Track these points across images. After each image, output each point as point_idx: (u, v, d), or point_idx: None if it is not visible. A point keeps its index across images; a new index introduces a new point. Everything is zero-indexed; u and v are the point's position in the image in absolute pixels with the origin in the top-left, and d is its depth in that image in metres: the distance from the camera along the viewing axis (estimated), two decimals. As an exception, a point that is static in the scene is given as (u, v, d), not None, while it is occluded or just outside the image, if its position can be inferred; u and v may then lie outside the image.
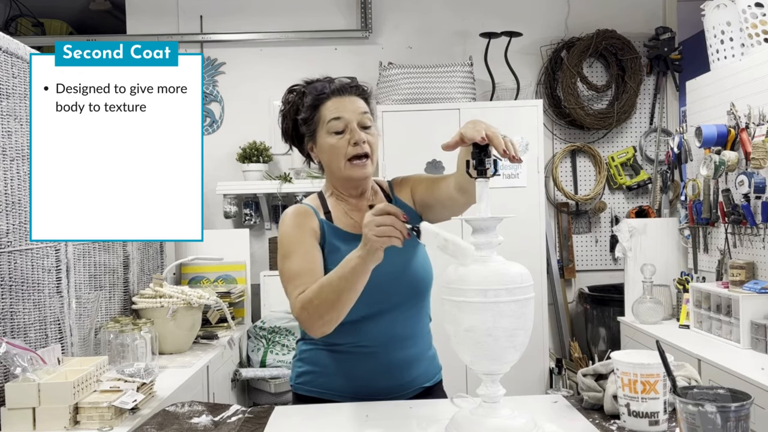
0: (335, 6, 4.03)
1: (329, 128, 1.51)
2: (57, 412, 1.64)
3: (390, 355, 1.52)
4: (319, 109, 1.53)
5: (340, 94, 1.53)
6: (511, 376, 1.27)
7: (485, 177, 1.25)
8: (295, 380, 1.61)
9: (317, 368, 1.56)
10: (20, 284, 1.84)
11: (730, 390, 1.06)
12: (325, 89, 1.53)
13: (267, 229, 3.95)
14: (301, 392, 1.58)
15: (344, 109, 1.51)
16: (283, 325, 3.31)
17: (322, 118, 1.52)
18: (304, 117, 1.54)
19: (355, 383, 1.53)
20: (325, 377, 1.55)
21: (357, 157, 1.50)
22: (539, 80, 4.05)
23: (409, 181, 1.63)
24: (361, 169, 1.51)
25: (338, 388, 1.54)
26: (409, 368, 1.55)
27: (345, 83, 1.55)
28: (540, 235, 3.47)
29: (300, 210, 1.54)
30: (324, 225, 1.53)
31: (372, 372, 1.52)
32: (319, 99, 1.53)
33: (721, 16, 2.79)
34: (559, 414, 1.38)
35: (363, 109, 1.53)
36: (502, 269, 1.21)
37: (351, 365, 1.53)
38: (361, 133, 1.49)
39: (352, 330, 1.49)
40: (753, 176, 2.48)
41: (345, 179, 1.55)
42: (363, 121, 1.51)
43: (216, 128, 4.00)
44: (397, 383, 1.54)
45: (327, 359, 1.54)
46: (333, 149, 1.51)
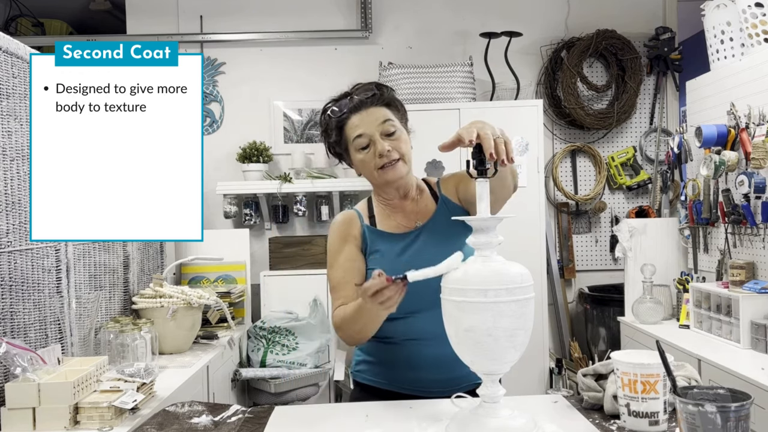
0: (335, 6, 4.03)
1: (356, 146, 1.58)
2: (57, 412, 1.64)
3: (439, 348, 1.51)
4: (343, 130, 1.60)
5: (359, 109, 1.57)
6: (511, 376, 1.27)
7: (485, 177, 1.25)
8: (354, 368, 1.69)
9: (373, 358, 1.63)
10: (20, 284, 1.84)
11: (730, 390, 1.06)
12: (344, 108, 1.58)
13: (267, 229, 3.95)
14: (360, 380, 1.66)
15: (364, 124, 1.56)
16: (283, 325, 3.31)
17: (348, 138, 1.59)
18: (334, 140, 1.63)
19: (408, 374, 1.57)
20: (380, 367, 1.61)
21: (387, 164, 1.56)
22: (539, 80, 4.05)
23: (454, 177, 1.69)
24: (392, 172, 1.57)
25: (393, 378, 1.59)
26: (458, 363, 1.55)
27: (362, 98, 1.58)
28: (540, 235, 3.47)
29: (346, 218, 1.65)
30: (366, 230, 1.61)
31: (422, 365, 1.56)
32: (342, 120, 1.59)
33: (721, 16, 2.79)
34: (559, 414, 1.38)
35: (383, 118, 1.57)
36: (502, 269, 1.21)
37: (403, 357, 1.57)
38: (384, 144, 1.55)
39: (403, 323, 1.55)
40: (753, 176, 2.48)
41: (383, 185, 1.61)
42: (385, 130, 1.56)
43: (216, 128, 4.00)
44: (448, 376, 1.55)
45: (381, 350, 1.60)
46: (363, 164, 1.59)
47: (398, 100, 1.64)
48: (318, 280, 3.52)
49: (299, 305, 3.47)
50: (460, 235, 1.56)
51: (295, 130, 3.99)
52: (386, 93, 1.61)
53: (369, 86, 1.61)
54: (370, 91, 1.59)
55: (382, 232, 1.61)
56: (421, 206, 1.65)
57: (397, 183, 1.60)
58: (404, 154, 1.58)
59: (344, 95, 1.62)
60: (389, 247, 1.59)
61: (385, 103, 1.60)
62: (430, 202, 1.66)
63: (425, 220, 1.63)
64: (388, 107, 1.60)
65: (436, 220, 1.62)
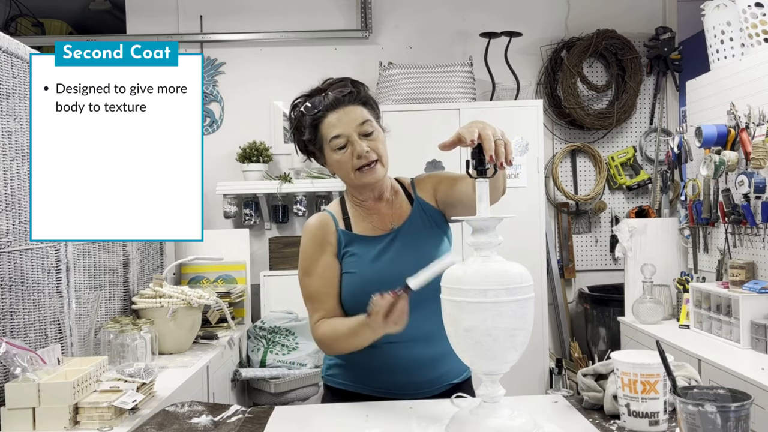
0: (335, 6, 4.03)
1: (332, 146, 1.52)
2: (57, 412, 1.64)
3: (416, 350, 1.53)
4: (319, 128, 1.54)
5: (335, 107, 1.52)
6: (511, 376, 1.27)
7: (485, 177, 1.25)
8: (325, 372, 1.65)
9: (347, 362, 1.59)
10: (20, 284, 1.84)
11: (730, 390, 1.06)
12: (319, 106, 1.52)
13: (267, 229, 3.96)
14: (332, 384, 1.62)
15: (342, 123, 1.51)
16: (282, 325, 3.31)
17: (324, 137, 1.54)
18: (308, 138, 1.57)
19: (385, 378, 1.55)
20: (354, 371, 1.58)
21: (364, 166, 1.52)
22: (539, 80, 4.05)
23: (431, 179, 1.64)
24: (370, 175, 1.53)
25: (368, 382, 1.56)
26: (436, 365, 1.56)
27: (339, 95, 1.52)
28: (540, 235, 3.47)
29: (320, 222, 1.59)
30: (341, 235, 1.57)
31: (399, 367, 1.54)
32: (317, 118, 1.53)
33: (721, 16, 2.79)
34: (559, 414, 1.38)
35: (361, 118, 1.52)
36: (502, 269, 1.21)
37: (380, 360, 1.54)
38: (362, 144, 1.50)
39: None
40: (753, 176, 2.48)
41: (359, 187, 1.57)
42: (363, 131, 1.52)
43: (216, 128, 4.00)
44: (425, 378, 1.55)
45: (356, 353, 1.55)
46: (339, 164, 1.54)
47: (373, 98, 1.59)
48: (318, 280, 3.51)
49: (299, 305, 3.43)
50: (436, 237, 1.56)
51: (295, 130, 3.99)
52: (363, 91, 1.56)
53: (344, 83, 1.55)
54: (346, 89, 1.53)
55: (357, 236, 1.57)
56: (395, 208, 1.61)
57: (373, 186, 1.56)
58: (382, 156, 1.54)
59: (317, 91, 1.56)
60: (365, 250, 1.55)
61: (362, 102, 1.55)
62: (405, 203, 1.62)
63: (400, 222, 1.59)
64: (365, 106, 1.55)
65: (412, 223, 1.58)
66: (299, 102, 1.59)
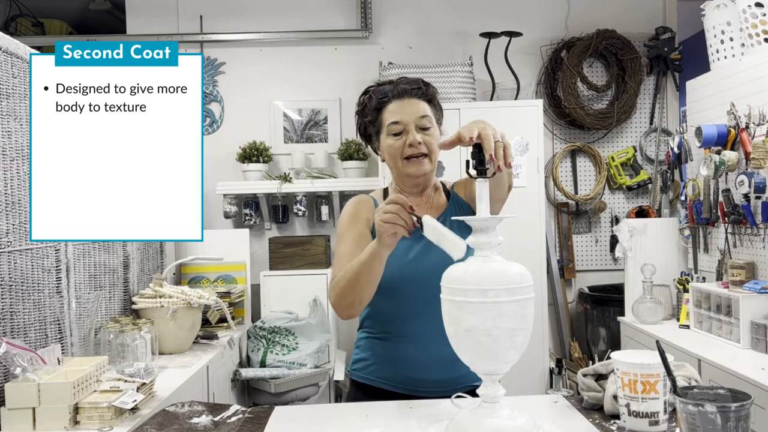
0: (335, 6, 4.03)
1: (389, 131, 1.60)
2: (57, 412, 1.64)
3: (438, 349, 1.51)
4: (381, 112, 1.62)
5: (401, 97, 1.60)
6: (511, 376, 1.27)
7: (485, 177, 1.25)
8: (351, 366, 1.68)
9: (371, 356, 1.62)
10: (20, 284, 1.84)
11: (730, 390, 1.06)
12: (388, 93, 1.61)
13: (267, 229, 3.96)
14: (356, 378, 1.65)
15: (403, 112, 1.59)
16: (283, 325, 3.31)
17: (384, 121, 1.61)
18: (369, 119, 1.65)
19: (406, 374, 1.57)
20: (377, 365, 1.61)
21: (414, 156, 1.58)
22: (539, 80, 4.05)
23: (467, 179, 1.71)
24: (417, 166, 1.59)
25: (390, 377, 1.58)
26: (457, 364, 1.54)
27: (407, 87, 1.61)
28: (540, 235, 3.47)
29: (360, 199, 1.67)
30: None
31: (420, 364, 1.55)
32: (382, 102, 1.62)
33: (721, 16, 2.79)
34: (559, 414, 1.38)
35: (422, 112, 1.59)
36: (502, 269, 1.21)
37: (401, 355, 1.57)
38: (416, 135, 1.57)
39: (407, 322, 1.56)
40: (753, 176, 2.48)
41: (404, 176, 1.63)
42: (421, 124, 1.59)
43: (216, 128, 4.00)
44: (445, 377, 1.55)
45: (380, 348, 1.60)
46: (391, 149, 1.60)
47: (438, 101, 1.67)
48: (318, 280, 3.52)
49: (299, 305, 3.47)
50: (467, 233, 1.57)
51: (295, 130, 3.99)
52: (430, 90, 1.65)
53: (415, 79, 1.65)
54: (416, 84, 1.63)
55: None
56: (433, 203, 1.68)
57: (418, 178, 1.62)
58: (433, 152, 1.60)
59: (389, 82, 1.66)
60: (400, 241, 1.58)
61: (427, 99, 1.63)
62: (443, 200, 1.70)
63: (436, 215, 1.63)
64: (429, 103, 1.63)
65: (446, 218, 1.63)
66: (371, 88, 1.67)
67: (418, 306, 1.54)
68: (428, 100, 1.63)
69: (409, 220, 1.32)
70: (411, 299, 1.54)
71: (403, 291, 1.54)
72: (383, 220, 1.32)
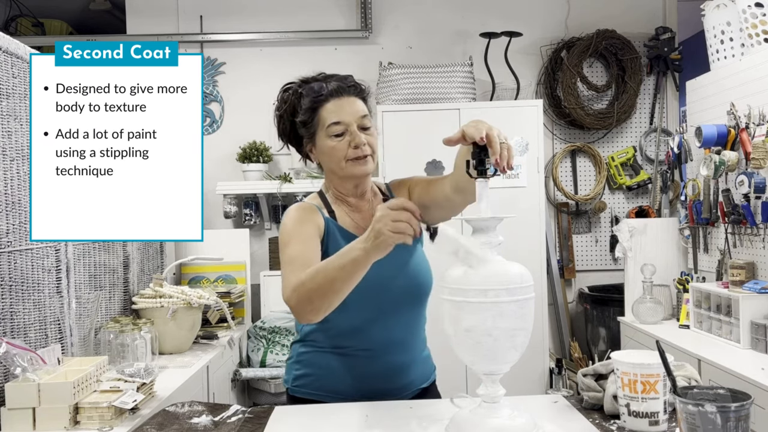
0: (335, 6, 4.03)
1: (329, 132, 1.50)
2: (57, 412, 1.64)
3: (389, 358, 1.52)
4: (317, 112, 1.51)
5: (338, 95, 1.51)
6: (511, 376, 1.27)
7: (485, 177, 1.25)
8: (292, 383, 1.58)
9: (317, 371, 1.55)
10: (20, 284, 1.84)
11: (730, 390, 1.06)
12: (323, 90, 1.51)
13: (267, 229, 3.96)
14: (299, 395, 1.57)
15: (343, 112, 1.50)
16: (283, 325, 3.31)
17: (322, 122, 1.51)
18: (302, 120, 1.53)
19: (356, 386, 1.53)
20: (325, 380, 1.54)
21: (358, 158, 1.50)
22: (539, 80, 4.05)
23: (407, 182, 1.64)
24: (361, 167, 1.51)
25: (340, 391, 1.53)
26: (407, 371, 1.56)
27: (342, 85, 1.52)
28: (540, 235, 3.47)
29: (305, 206, 1.54)
30: (329, 222, 1.52)
31: (372, 375, 1.52)
32: (317, 101, 1.51)
33: (721, 16, 2.78)
34: (559, 414, 1.38)
35: (362, 111, 1.52)
36: (502, 269, 1.20)
37: (353, 368, 1.52)
38: (361, 136, 1.49)
39: (354, 333, 1.51)
40: (753, 176, 2.48)
41: (346, 178, 1.54)
42: (363, 123, 1.51)
43: (216, 128, 4.00)
44: (396, 386, 1.54)
45: (329, 361, 1.53)
46: (333, 151, 1.50)
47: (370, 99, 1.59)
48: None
49: (299, 305, 3.47)
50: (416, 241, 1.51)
51: (295, 130, 3.99)
52: (364, 87, 1.57)
53: (345, 76, 1.56)
54: (349, 80, 1.54)
55: (343, 230, 1.52)
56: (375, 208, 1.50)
57: (360, 179, 1.54)
58: (375, 152, 1.53)
59: (314, 78, 1.55)
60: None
61: (362, 97, 1.55)
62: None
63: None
64: (364, 102, 1.55)
65: None
66: (293, 85, 1.57)
67: (374, 316, 1.49)
68: (363, 98, 1.55)
69: (418, 228, 1.21)
70: (367, 310, 1.48)
71: (358, 303, 1.41)
72: (394, 229, 1.19)
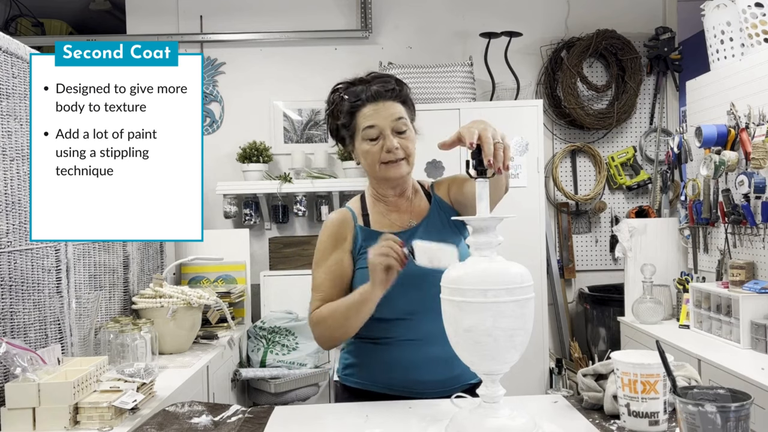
0: (335, 6, 4.03)
1: (364, 135, 1.56)
2: (57, 412, 1.64)
3: (434, 348, 1.51)
4: (355, 116, 1.57)
5: (375, 100, 1.55)
6: (511, 376, 1.27)
7: (485, 177, 1.25)
8: (341, 372, 1.65)
9: (363, 360, 1.60)
10: (20, 284, 1.84)
11: (730, 390, 1.06)
12: (361, 96, 1.56)
13: (267, 229, 3.96)
14: (348, 383, 1.62)
15: (378, 116, 1.54)
16: (283, 325, 3.31)
17: (358, 125, 1.57)
18: (343, 123, 1.60)
19: (404, 376, 1.54)
20: (372, 369, 1.58)
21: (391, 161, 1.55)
22: (539, 80, 4.05)
23: (447, 180, 1.70)
24: (395, 170, 1.56)
25: (386, 381, 1.56)
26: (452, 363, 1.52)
27: (381, 89, 1.56)
28: (540, 235, 3.47)
29: (340, 217, 1.63)
30: (358, 231, 1.59)
31: (417, 365, 1.54)
32: (355, 106, 1.56)
33: (721, 16, 2.79)
34: (559, 414, 1.38)
35: (397, 115, 1.56)
36: (502, 269, 1.21)
37: (400, 358, 1.54)
38: (393, 140, 1.54)
39: (403, 324, 1.54)
40: (753, 176, 2.48)
41: (381, 180, 1.60)
42: (397, 127, 1.56)
43: (216, 128, 4.00)
44: (442, 377, 1.54)
45: (374, 352, 1.57)
46: (367, 155, 1.57)
47: (412, 99, 1.64)
48: (318, 280, 3.51)
49: (299, 305, 3.47)
50: (453, 235, 1.58)
51: (295, 130, 3.99)
52: (404, 90, 1.61)
53: (388, 79, 1.59)
54: (389, 84, 1.58)
55: (374, 232, 1.58)
56: (415, 206, 1.65)
57: (395, 181, 1.59)
58: (410, 155, 1.58)
59: (360, 81, 1.60)
60: None
61: (401, 100, 1.59)
62: (424, 202, 1.66)
63: (419, 219, 1.62)
64: (404, 104, 1.59)
65: (430, 221, 1.61)
66: (340, 87, 1.62)
67: (414, 308, 1.52)
68: (403, 101, 1.59)
69: (401, 253, 1.35)
70: (406, 302, 1.52)
71: (397, 296, 1.49)
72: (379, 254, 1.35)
